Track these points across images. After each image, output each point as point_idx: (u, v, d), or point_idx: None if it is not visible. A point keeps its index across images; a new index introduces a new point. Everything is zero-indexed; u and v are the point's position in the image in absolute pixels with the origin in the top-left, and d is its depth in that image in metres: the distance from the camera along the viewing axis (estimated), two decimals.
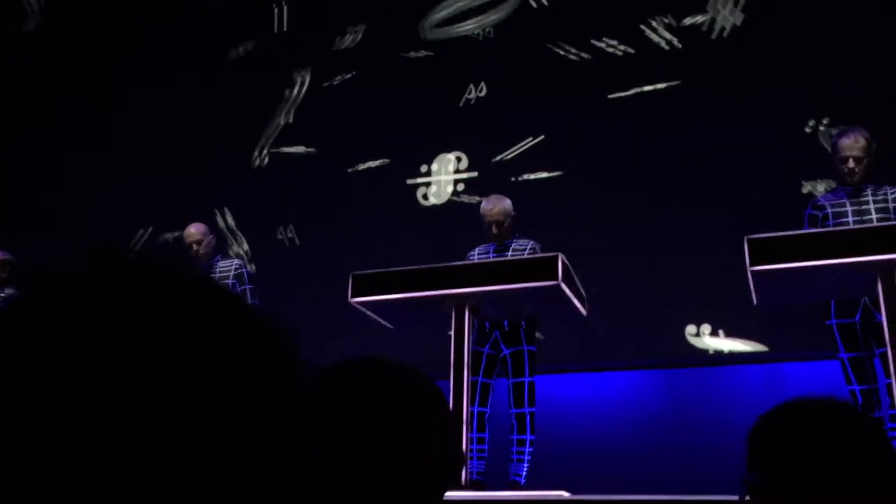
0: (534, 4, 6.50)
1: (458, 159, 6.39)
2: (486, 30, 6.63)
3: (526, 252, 4.31)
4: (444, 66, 6.63)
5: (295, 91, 7.12)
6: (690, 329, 5.35)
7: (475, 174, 6.26)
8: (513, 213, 4.46)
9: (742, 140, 5.47)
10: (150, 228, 7.06)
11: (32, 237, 6.60)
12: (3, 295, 5.23)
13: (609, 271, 5.34)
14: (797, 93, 5.45)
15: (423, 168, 6.46)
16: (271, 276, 6.17)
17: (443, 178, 6.41)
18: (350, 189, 6.60)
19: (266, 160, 7.02)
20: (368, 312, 3.90)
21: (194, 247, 4.96)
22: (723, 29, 5.90)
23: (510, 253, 4.36)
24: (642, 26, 6.08)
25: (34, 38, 8.33)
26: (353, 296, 3.72)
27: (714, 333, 5.31)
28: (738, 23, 5.86)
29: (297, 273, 6.26)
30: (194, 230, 5.01)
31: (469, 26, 6.69)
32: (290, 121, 7.05)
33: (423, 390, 0.97)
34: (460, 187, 6.31)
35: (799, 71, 5.50)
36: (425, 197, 6.41)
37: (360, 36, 7.02)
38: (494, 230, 4.37)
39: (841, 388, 3.75)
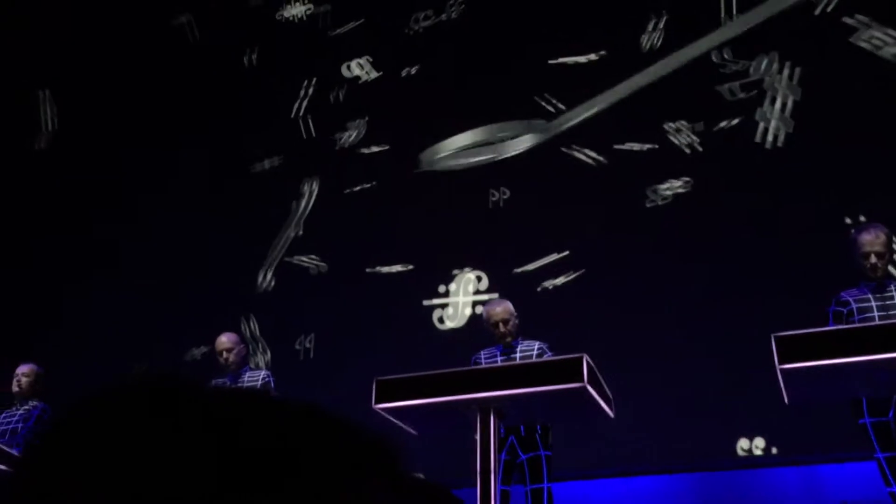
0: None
1: (479, 278, 6.34)
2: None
3: (535, 352, 4.30)
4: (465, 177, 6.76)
5: (303, 203, 7.25)
6: (743, 443, 5.17)
7: (496, 294, 6.22)
8: (516, 315, 4.49)
9: (776, 239, 5.51)
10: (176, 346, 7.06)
11: (66, 358, 6.65)
12: (27, 407, 5.22)
13: (633, 373, 5.28)
14: (831, 195, 5.50)
15: (442, 288, 6.42)
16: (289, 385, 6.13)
17: (461, 300, 6.35)
18: (367, 302, 6.63)
19: (276, 275, 7.08)
20: (391, 418, 3.85)
21: (224, 354, 5.00)
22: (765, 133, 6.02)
23: (518, 354, 4.35)
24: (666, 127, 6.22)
25: (46, 155, 8.59)
26: (377, 402, 3.68)
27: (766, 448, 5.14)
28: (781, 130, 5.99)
29: (315, 383, 6.21)
30: (225, 339, 5.07)
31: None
32: (301, 232, 7.14)
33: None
34: (478, 309, 6.20)
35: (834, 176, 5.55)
36: (441, 320, 6.37)
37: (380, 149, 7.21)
38: (501, 329, 4.36)
39: (880, 489, 3.64)
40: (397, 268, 6.61)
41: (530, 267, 6.16)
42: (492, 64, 6.88)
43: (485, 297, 6.09)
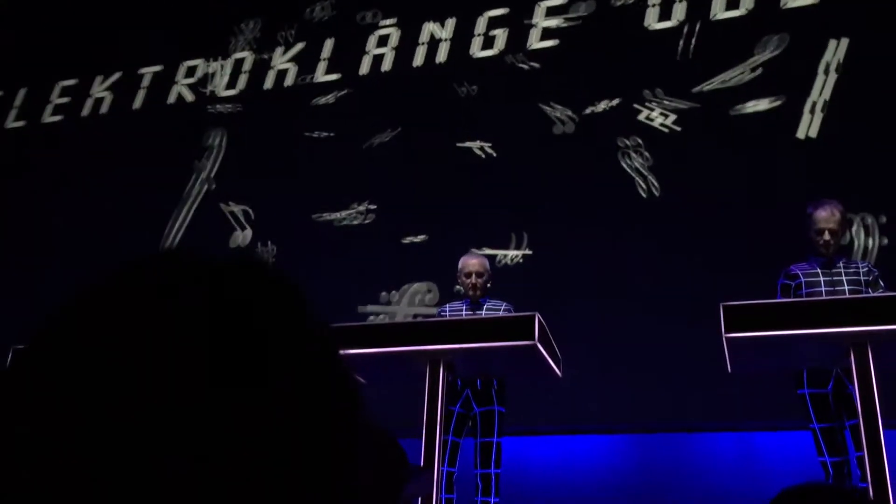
0: None
1: (429, 290, 6.32)
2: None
3: (501, 312, 4.32)
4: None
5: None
6: (682, 407, 5.29)
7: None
8: (490, 273, 4.49)
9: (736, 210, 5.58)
10: None
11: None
12: None
13: (589, 334, 5.35)
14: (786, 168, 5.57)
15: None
16: None
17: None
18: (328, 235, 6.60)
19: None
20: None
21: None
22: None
23: (483, 312, 4.35)
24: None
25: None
26: None
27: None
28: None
29: None
30: None
31: None
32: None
33: None
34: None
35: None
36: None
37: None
38: (473, 280, 4.35)
39: (812, 458, 3.75)
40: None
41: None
42: None
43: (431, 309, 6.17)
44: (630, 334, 5.42)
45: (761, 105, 5.87)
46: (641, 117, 6.13)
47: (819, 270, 3.93)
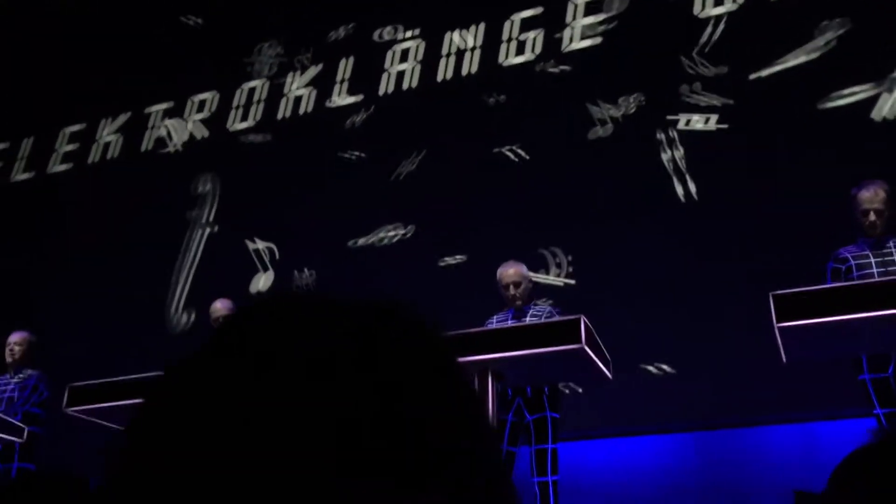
0: None
1: None
2: None
3: (544, 317, 4.28)
4: None
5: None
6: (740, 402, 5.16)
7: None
8: (530, 278, 4.48)
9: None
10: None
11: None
12: (22, 375, 5.21)
13: (638, 335, 5.28)
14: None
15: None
16: None
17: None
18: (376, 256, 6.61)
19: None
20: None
21: (220, 321, 4.98)
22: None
23: (528, 318, 4.33)
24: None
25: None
26: None
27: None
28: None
29: None
30: (220, 306, 5.07)
31: None
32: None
33: None
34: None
35: None
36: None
37: None
38: (512, 291, 4.34)
39: None
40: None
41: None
42: None
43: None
44: (680, 332, 5.33)
45: (857, 94, 5.58)
46: (682, 125, 6.01)
47: (869, 252, 3.83)
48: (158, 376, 0.46)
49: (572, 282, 5.88)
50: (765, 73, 5.89)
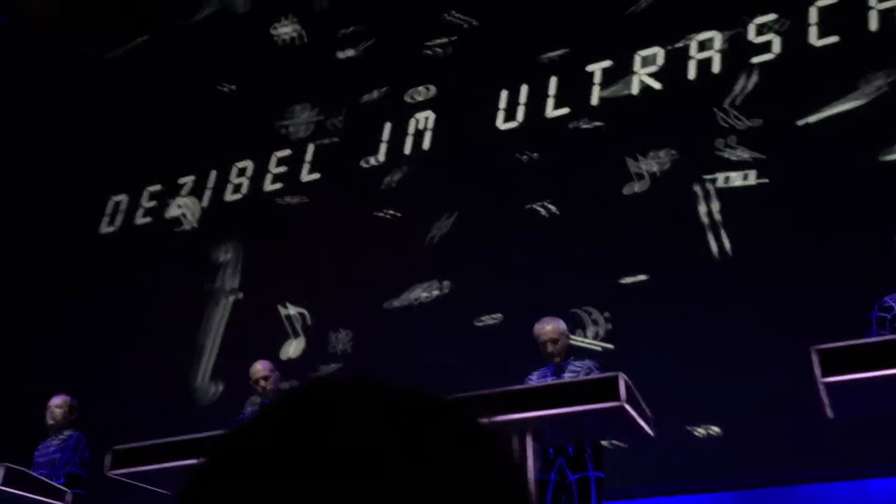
0: None
1: None
2: None
3: (583, 373, 4.24)
4: None
5: None
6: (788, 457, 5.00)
7: None
8: (567, 334, 4.45)
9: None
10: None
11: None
12: (62, 437, 5.27)
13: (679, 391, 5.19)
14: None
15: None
16: None
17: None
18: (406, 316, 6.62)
19: None
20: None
21: (261, 382, 5.04)
22: None
23: (567, 375, 4.29)
24: None
25: None
26: None
27: None
28: None
29: None
30: (260, 367, 5.11)
31: None
32: None
33: None
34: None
35: None
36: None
37: None
38: (549, 348, 4.32)
39: None
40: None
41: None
42: None
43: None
44: (723, 389, 5.23)
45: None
46: (720, 182, 5.98)
47: None
48: (210, 447, 0.47)
49: (610, 346, 5.78)
50: (811, 119, 5.84)
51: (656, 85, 6.62)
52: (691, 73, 6.48)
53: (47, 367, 7.64)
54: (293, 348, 7.01)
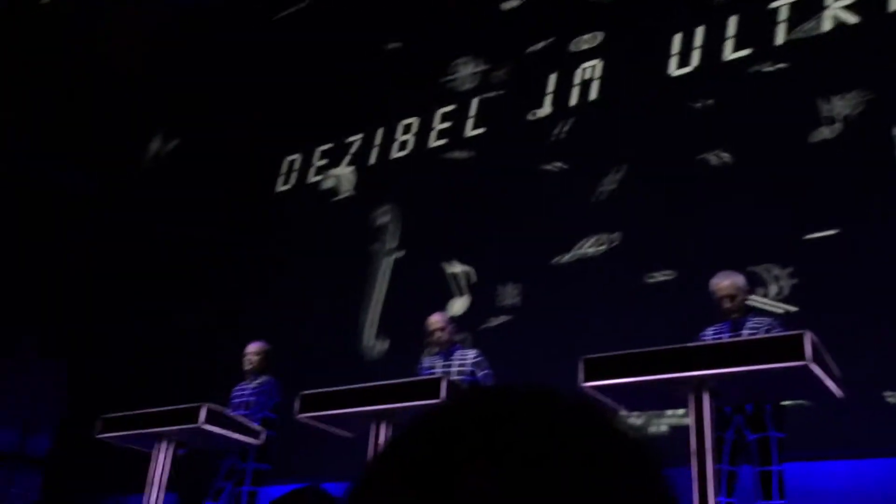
0: None
1: None
2: None
3: (762, 331, 4.07)
4: None
5: None
6: None
7: None
8: (746, 289, 4.28)
9: None
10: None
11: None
12: (259, 381, 5.69)
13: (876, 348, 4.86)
14: None
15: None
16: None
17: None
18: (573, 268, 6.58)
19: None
20: (600, 396, 3.81)
21: (437, 334, 5.19)
22: None
23: (745, 332, 4.13)
24: None
25: None
26: (586, 380, 3.66)
27: None
28: None
29: (519, 357, 6.19)
30: (436, 318, 5.26)
31: None
32: None
33: None
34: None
35: None
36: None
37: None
38: (726, 304, 4.18)
39: None
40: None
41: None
42: None
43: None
44: None
45: None
46: None
47: None
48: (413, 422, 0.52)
49: (794, 308, 5.44)
50: None
51: (851, 19, 6.09)
52: (893, 4, 5.91)
53: (249, 319, 8.23)
54: (458, 305, 7.14)
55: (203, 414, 4.66)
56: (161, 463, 4.85)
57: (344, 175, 8.80)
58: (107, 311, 9.87)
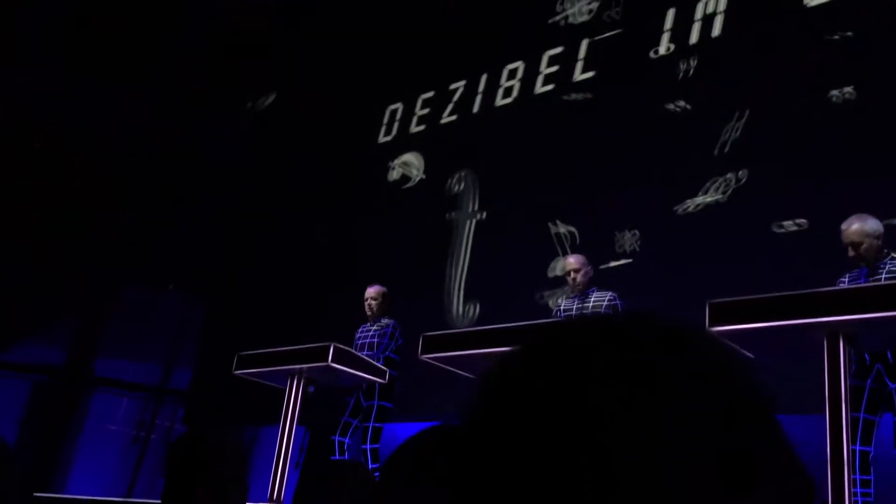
0: None
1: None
2: None
3: None
4: None
5: None
6: None
7: None
8: (876, 234, 4.05)
9: None
10: None
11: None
12: (381, 323, 5.87)
13: None
14: None
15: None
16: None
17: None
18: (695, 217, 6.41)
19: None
20: (727, 342, 3.73)
21: (572, 275, 5.23)
22: None
23: (884, 277, 3.94)
24: None
25: None
26: (712, 324, 3.60)
27: None
28: None
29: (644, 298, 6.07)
30: (573, 260, 5.30)
31: None
32: None
33: None
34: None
35: None
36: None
37: None
38: (851, 253, 4.00)
39: None
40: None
41: None
42: None
43: None
44: None
45: None
46: None
47: None
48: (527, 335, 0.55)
49: None
50: None
51: None
52: None
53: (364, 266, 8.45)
54: (561, 266, 7.07)
55: (332, 352, 4.88)
56: (293, 398, 5.11)
57: (413, 163, 8.78)
58: (243, 256, 10.37)
